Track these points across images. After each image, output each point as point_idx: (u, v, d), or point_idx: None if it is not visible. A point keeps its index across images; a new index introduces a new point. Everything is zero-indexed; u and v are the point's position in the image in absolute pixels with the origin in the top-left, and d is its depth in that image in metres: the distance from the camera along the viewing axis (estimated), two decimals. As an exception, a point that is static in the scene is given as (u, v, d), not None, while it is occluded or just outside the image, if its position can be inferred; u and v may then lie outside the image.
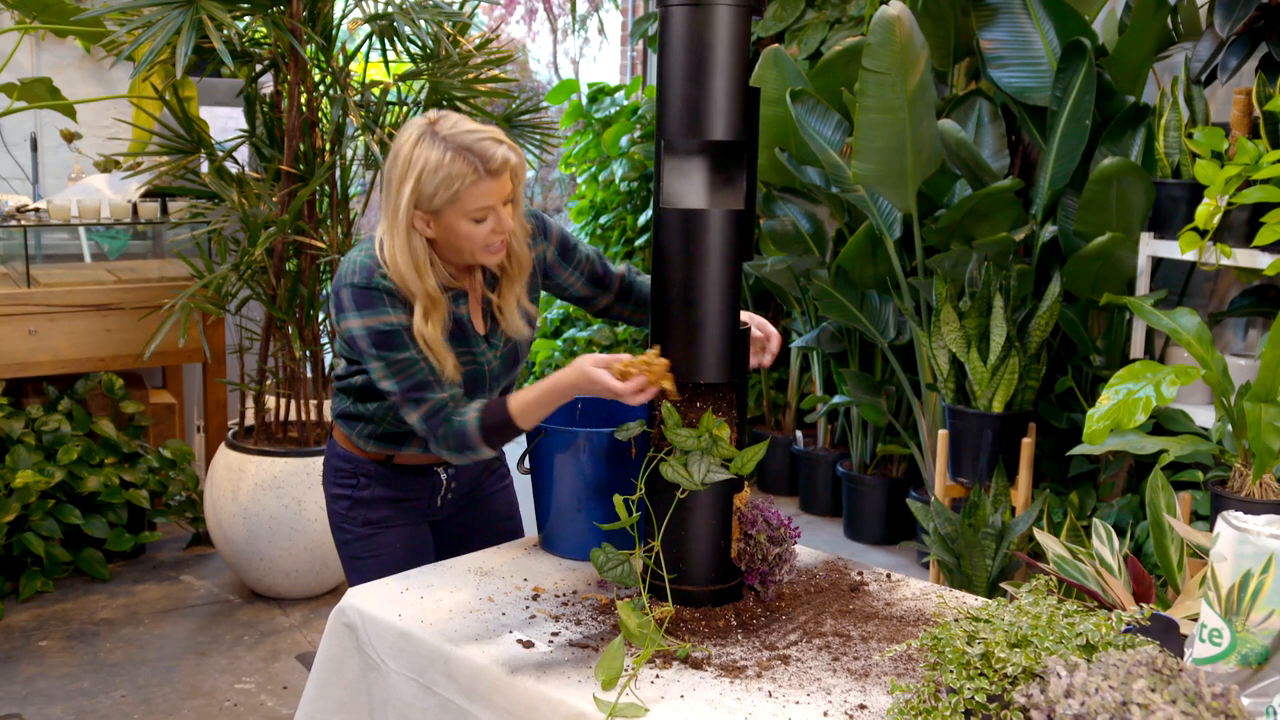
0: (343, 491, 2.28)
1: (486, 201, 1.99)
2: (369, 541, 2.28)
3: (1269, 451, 2.68)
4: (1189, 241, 3.39)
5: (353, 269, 2.06)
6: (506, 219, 2.03)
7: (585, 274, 2.31)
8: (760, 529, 2.03)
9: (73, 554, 4.06)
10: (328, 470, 2.32)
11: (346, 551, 2.31)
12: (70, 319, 4.17)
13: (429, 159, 1.96)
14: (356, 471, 2.27)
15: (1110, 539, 2.18)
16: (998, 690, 1.44)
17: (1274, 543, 1.47)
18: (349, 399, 2.24)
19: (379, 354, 2.04)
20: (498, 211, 2.01)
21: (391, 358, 2.04)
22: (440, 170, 1.96)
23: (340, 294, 2.07)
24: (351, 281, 2.05)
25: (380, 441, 2.24)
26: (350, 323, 2.05)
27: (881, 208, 4.24)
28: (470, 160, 1.96)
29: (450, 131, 1.97)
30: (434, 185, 1.97)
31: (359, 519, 2.28)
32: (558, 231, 2.27)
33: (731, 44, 1.91)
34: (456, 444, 2.07)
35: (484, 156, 1.96)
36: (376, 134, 3.76)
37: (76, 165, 4.80)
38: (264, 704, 3.30)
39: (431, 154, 1.96)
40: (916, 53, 3.73)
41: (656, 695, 1.69)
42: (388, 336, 2.03)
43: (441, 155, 1.96)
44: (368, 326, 2.03)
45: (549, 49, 8.70)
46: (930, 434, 4.40)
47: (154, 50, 3.34)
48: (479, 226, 2.01)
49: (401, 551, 2.28)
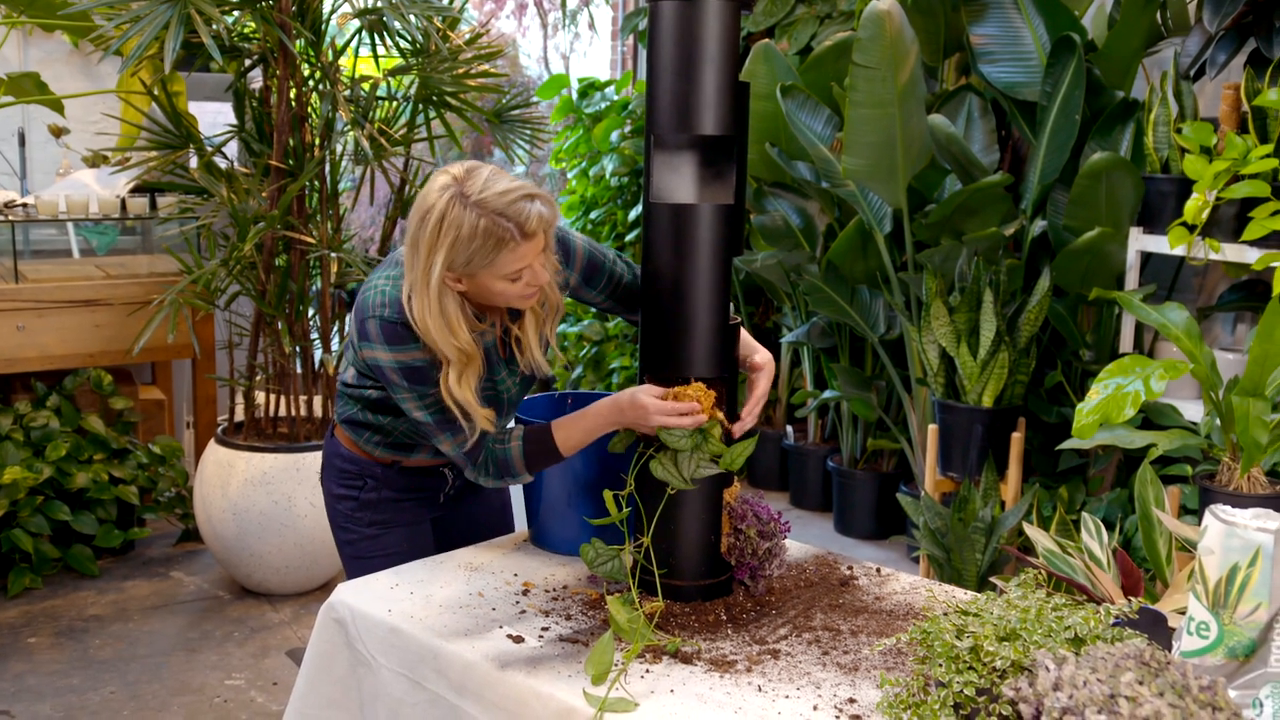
0: (347, 493, 2.26)
1: (523, 264, 1.91)
2: (375, 541, 2.26)
3: (1257, 445, 2.69)
4: (1178, 236, 3.39)
5: (381, 300, 1.99)
6: (541, 273, 1.96)
7: (611, 294, 2.21)
8: (750, 524, 2.03)
9: (61, 550, 4.05)
10: (329, 470, 2.29)
11: (351, 551, 2.29)
12: (59, 315, 4.15)
13: (462, 226, 1.87)
14: (363, 474, 2.25)
15: (1099, 533, 2.19)
16: (986, 684, 1.45)
17: (1261, 536, 1.47)
18: (356, 406, 2.20)
19: (411, 387, 2.00)
20: (533, 269, 1.94)
21: (425, 391, 2.00)
22: (475, 239, 1.87)
23: (366, 324, 2.00)
24: (380, 315, 1.98)
25: (390, 449, 2.23)
26: (377, 354, 1.99)
27: (872, 203, 4.24)
28: (505, 226, 1.87)
29: (481, 195, 1.87)
30: (468, 253, 1.88)
31: (365, 520, 2.26)
32: (583, 256, 2.15)
33: (721, 38, 1.91)
34: (497, 471, 2.06)
35: (519, 221, 1.87)
36: (366, 129, 3.75)
37: (64, 160, 4.78)
38: (254, 700, 3.30)
39: (465, 221, 1.87)
40: (906, 48, 3.73)
41: (646, 690, 1.69)
42: (418, 372, 1.99)
43: (475, 221, 1.86)
44: (399, 361, 1.98)
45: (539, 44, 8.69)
46: (920, 429, 4.41)
47: (142, 45, 3.33)
48: (514, 285, 1.94)
49: (406, 551, 2.27)
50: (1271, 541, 1.46)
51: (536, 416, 2.32)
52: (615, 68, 7.15)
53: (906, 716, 1.51)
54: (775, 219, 4.79)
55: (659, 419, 1.94)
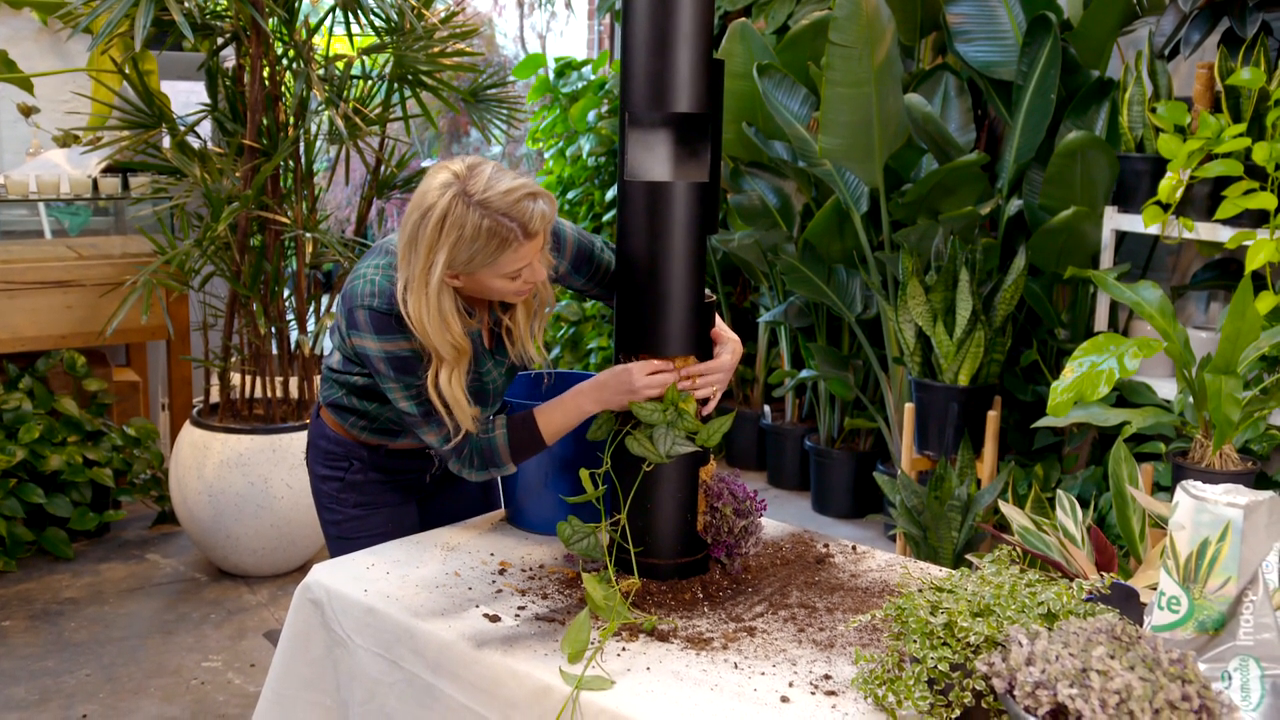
0: (332, 474, 2.25)
1: (524, 263, 1.91)
2: (359, 523, 2.26)
3: (1229, 423, 2.71)
4: (1152, 215, 3.41)
5: (371, 290, 1.97)
6: (539, 270, 1.95)
7: (599, 281, 2.19)
8: (726, 502, 2.04)
9: (36, 533, 4.02)
10: (314, 451, 2.28)
11: (335, 532, 2.29)
12: (30, 296, 4.11)
13: (465, 226, 1.85)
14: (349, 456, 2.24)
15: (1074, 510, 2.21)
16: (960, 659, 1.46)
17: (1231, 511, 1.48)
18: (341, 391, 2.19)
19: (398, 377, 1.99)
20: (533, 266, 1.93)
21: (411, 382, 1.99)
22: (479, 239, 1.85)
23: (355, 313, 1.98)
24: (370, 305, 1.96)
25: (375, 433, 2.22)
26: (366, 343, 1.99)
27: (848, 182, 4.24)
28: (509, 227, 1.85)
29: (485, 195, 1.85)
30: (470, 252, 1.87)
31: (350, 500, 2.26)
32: (574, 245, 2.13)
33: (695, 15, 1.90)
34: (481, 463, 2.05)
35: (523, 222, 1.86)
36: (341, 108, 3.72)
37: (35, 140, 4.73)
38: (231, 681, 3.29)
39: (468, 221, 1.84)
40: (883, 27, 3.73)
41: (623, 668, 1.70)
42: (405, 362, 1.98)
43: (479, 221, 1.84)
44: (387, 351, 1.97)
45: (515, 23, 8.64)
46: (897, 407, 4.42)
47: (112, 22, 3.29)
48: (513, 283, 1.94)
49: (391, 530, 2.26)
50: (1241, 517, 1.48)
51: (515, 396, 2.31)
52: (592, 47, 7.11)
53: (881, 692, 1.52)
54: (752, 198, 4.79)
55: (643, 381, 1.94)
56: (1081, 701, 1.29)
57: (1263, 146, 3.13)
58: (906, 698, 1.47)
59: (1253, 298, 2.71)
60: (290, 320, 4.10)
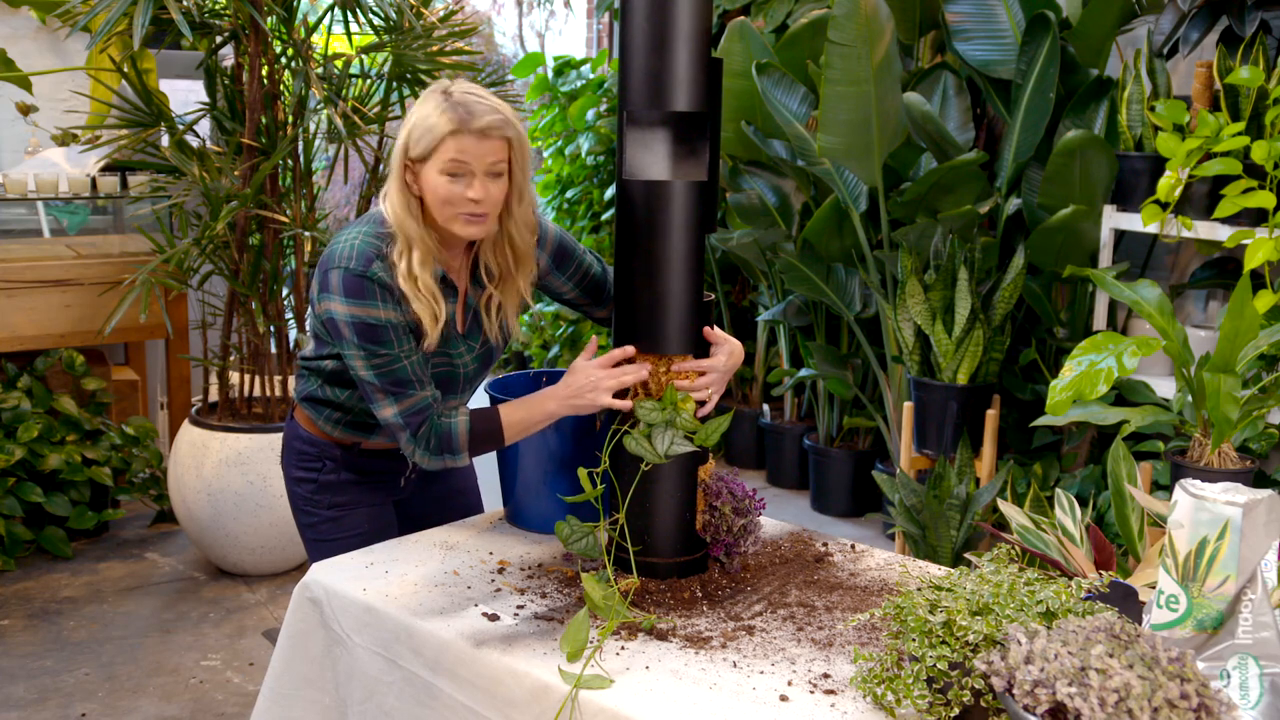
0: (306, 475, 2.25)
1: (462, 157, 1.94)
2: (335, 524, 2.25)
3: (1227, 421, 2.71)
4: (1151, 214, 3.41)
5: (349, 252, 1.99)
6: (488, 189, 1.97)
7: (579, 283, 2.24)
8: (725, 500, 2.04)
9: (34, 532, 4.02)
10: (289, 453, 2.28)
11: (312, 534, 2.28)
12: (29, 295, 4.11)
13: (425, 111, 1.97)
14: (321, 455, 2.23)
15: (1073, 509, 2.20)
16: (959, 658, 1.46)
17: (1229, 510, 1.48)
18: (316, 381, 2.19)
19: (361, 344, 1.99)
20: (476, 176, 1.95)
21: (375, 350, 1.99)
22: (428, 119, 1.95)
23: (329, 275, 2.00)
24: (346, 265, 1.98)
25: (348, 429, 2.21)
26: (334, 306, 1.99)
27: (847, 181, 4.24)
28: (457, 113, 1.94)
29: (457, 93, 1.98)
30: (419, 133, 1.96)
31: (325, 502, 2.25)
32: (555, 239, 2.18)
33: (693, 14, 1.90)
34: (438, 446, 2.04)
35: (470, 112, 1.94)
36: (339, 107, 3.72)
37: (33, 139, 4.72)
38: (230, 680, 3.29)
39: (427, 107, 1.97)
40: (882, 25, 3.73)
41: (621, 666, 1.70)
42: (374, 330, 1.98)
43: (434, 107, 1.96)
44: (354, 315, 1.98)
45: (514, 22, 8.63)
46: (896, 406, 4.42)
47: (110, 20, 3.29)
48: (452, 184, 1.95)
49: (368, 532, 2.25)
50: (1240, 515, 1.48)
51: (513, 395, 2.31)
52: (591, 46, 7.12)
53: (880, 691, 1.52)
54: (751, 197, 4.79)
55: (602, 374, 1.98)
56: (1080, 700, 1.29)
57: (1261, 145, 3.13)
58: (905, 696, 1.47)
59: (1251, 296, 2.71)
60: (289, 319, 4.10)
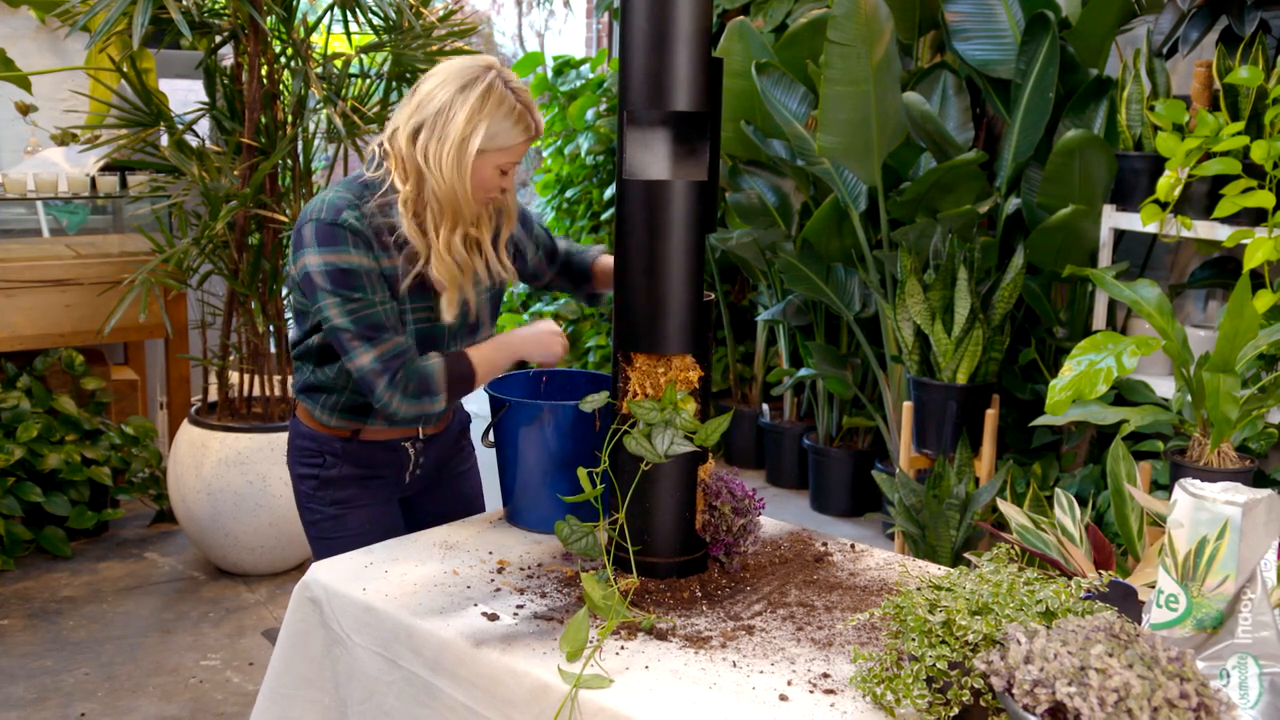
0: (309, 471, 2.26)
1: (518, 159, 2.13)
2: (338, 521, 2.26)
3: (1226, 421, 2.71)
4: (1150, 214, 3.41)
5: (320, 205, 2.07)
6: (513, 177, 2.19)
7: (541, 247, 2.42)
8: (724, 500, 2.04)
9: (34, 532, 4.02)
10: (292, 449, 2.29)
11: (315, 531, 2.29)
12: (29, 295, 4.11)
13: (504, 104, 2.06)
14: (322, 450, 2.24)
15: (1072, 508, 2.20)
16: (959, 657, 1.45)
17: (1229, 509, 1.48)
18: (309, 366, 2.21)
19: (334, 290, 2.03)
20: (515, 169, 2.16)
21: (348, 295, 2.03)
22: (509, 118, 2.07)
23: (302, 230, 2.06)
24: (317, 217, 2.05)
25: (345, 414, 2.22)
26: (308, 259, 2.04)
27: (847, 181, 4.24)
28: (529, 122, 2.10)
29: (518, 88, 2.09)
30: (500, 129, 2.06)
31: (327, 498, 2.25)
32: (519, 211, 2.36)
33: (693, 14, 1.90)
34: (416, 389, 2.07)
35: (537, 121, 2.13)
36: (339, 106, 3.72)
37: (33, 138, 4.72)
38: (230, 680, 3.29)
39: (507, 101, 2.07)
40: (881, 25, 3.73)
41: (621, 666, 1.70)
42: (347, 275, 2.03)
43: (514, 105, 2.07)
44: (327, 262, 2.02)
45: (514, 21, 8.63)
46: (895, 406, 4.42)
47: (110, 20, 3.29)
48: (502, 178, 2.13)
49: (371, 530, 2.25)
50: (1239, 514, 1.48)
51: (513, 394, 2.31)
52: (590, 45, 7.11)
53: (880, 690, 1.52)
54: (751, 197, 4.79)
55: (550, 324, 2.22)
56: (1080, 700, 1.29)
57: (1261, 145, 3.13)
58: (905, 696, 1.47)
59: (1251, 296, 2.71)
60: (289, 318, 4.09)
